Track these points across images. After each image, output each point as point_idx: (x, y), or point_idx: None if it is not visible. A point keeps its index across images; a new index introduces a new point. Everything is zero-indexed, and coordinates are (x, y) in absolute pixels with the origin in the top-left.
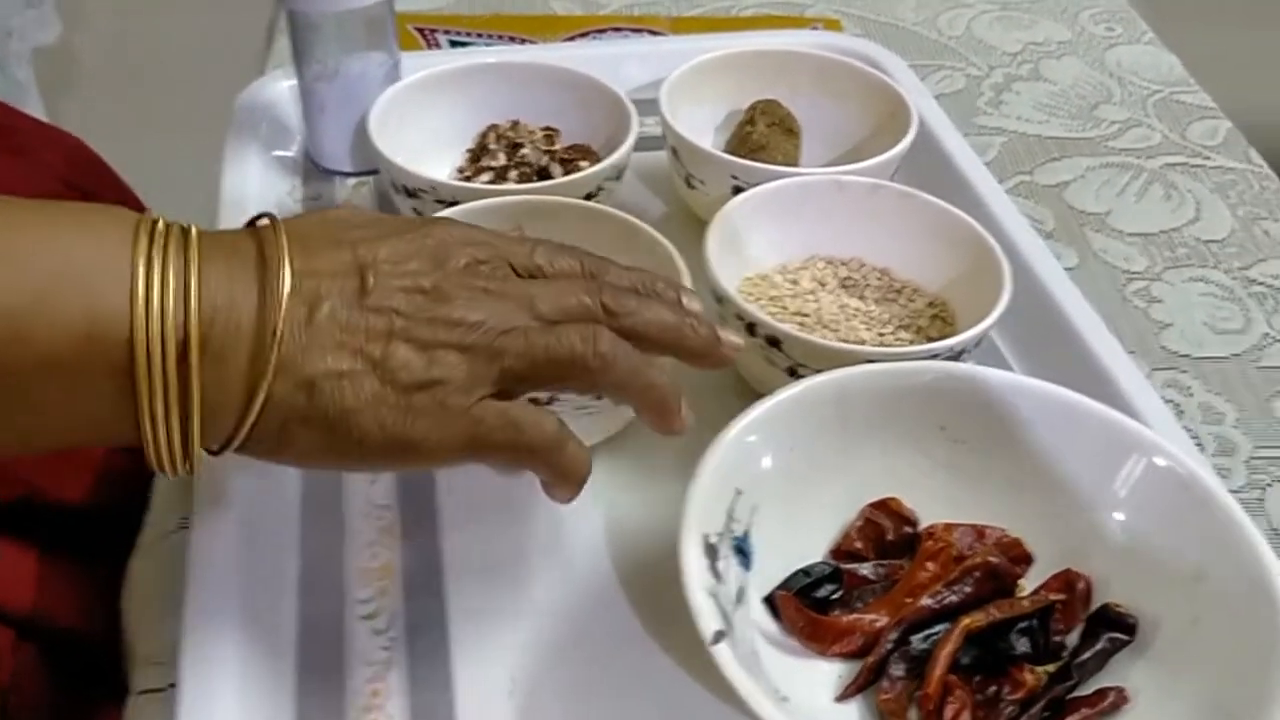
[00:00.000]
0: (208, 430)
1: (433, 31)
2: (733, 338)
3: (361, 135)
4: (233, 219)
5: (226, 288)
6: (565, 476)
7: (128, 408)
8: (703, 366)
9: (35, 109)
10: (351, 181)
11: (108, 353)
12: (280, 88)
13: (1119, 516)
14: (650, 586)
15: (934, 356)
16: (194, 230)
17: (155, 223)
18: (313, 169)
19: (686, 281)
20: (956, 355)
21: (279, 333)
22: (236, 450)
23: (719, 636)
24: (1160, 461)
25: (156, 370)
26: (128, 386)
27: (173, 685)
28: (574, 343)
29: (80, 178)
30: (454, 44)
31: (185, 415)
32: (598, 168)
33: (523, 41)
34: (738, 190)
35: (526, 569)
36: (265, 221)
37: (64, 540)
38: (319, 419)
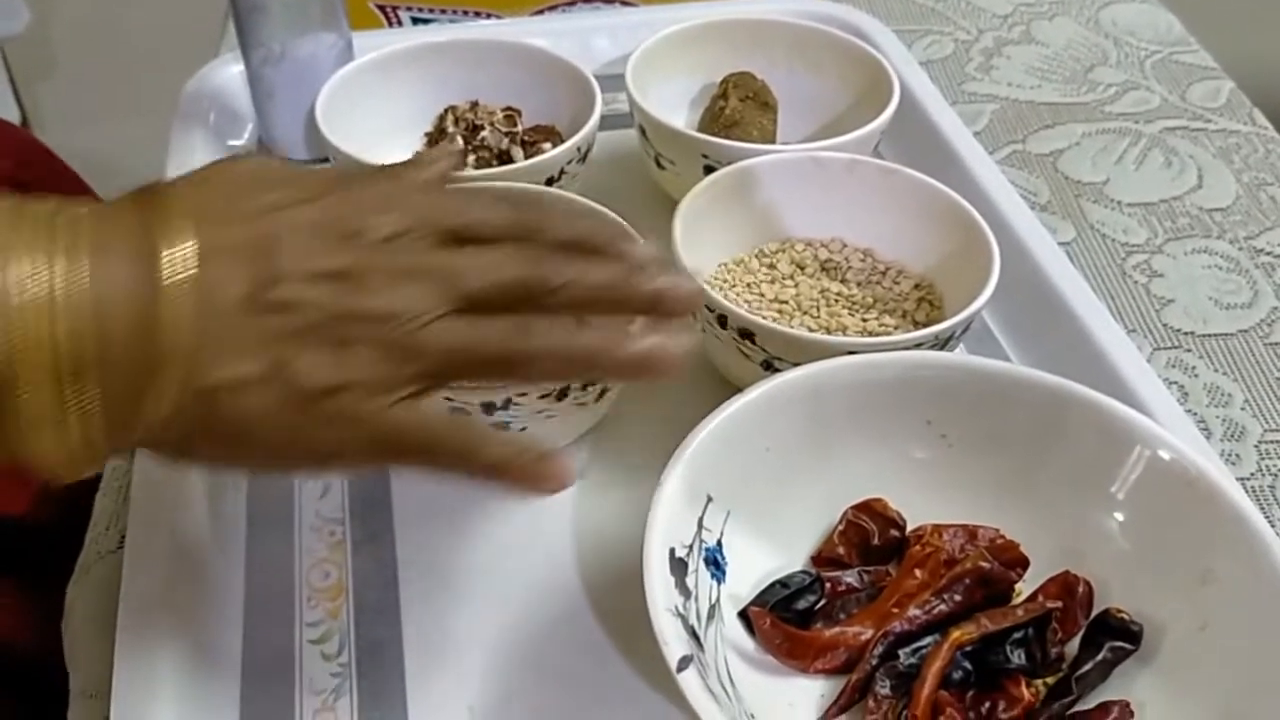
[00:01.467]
0: (98, 447)
1: (394, 9)
2: (684, 283)
3: (314, 121)
4: None
5: (109, 287)
6: (504, 479)
7: (11, 428)
8: (664, 320)
9: (5, 99)
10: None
11: None
12: (230, 72)
13: (1119, 515)
14: (619, 598)
15: (919, 345)
16: (81, 215)
17: (33, 212)
18: (266, 156)
19: None
20: (943, 342)
21: (167, 338)
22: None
23: (685, 662)
24: (1164, 455)
25: (33, 386)
26: (7, 406)
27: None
28: (502, 339)
29: (29, 175)
30: (416, 21)
31: (66, 434)
32: (559, 150)
33: (489, 16)
34: (710, 170)
35: (486, 582)
36: (160, 190)
37: (10, 558)
38: (220, 431)
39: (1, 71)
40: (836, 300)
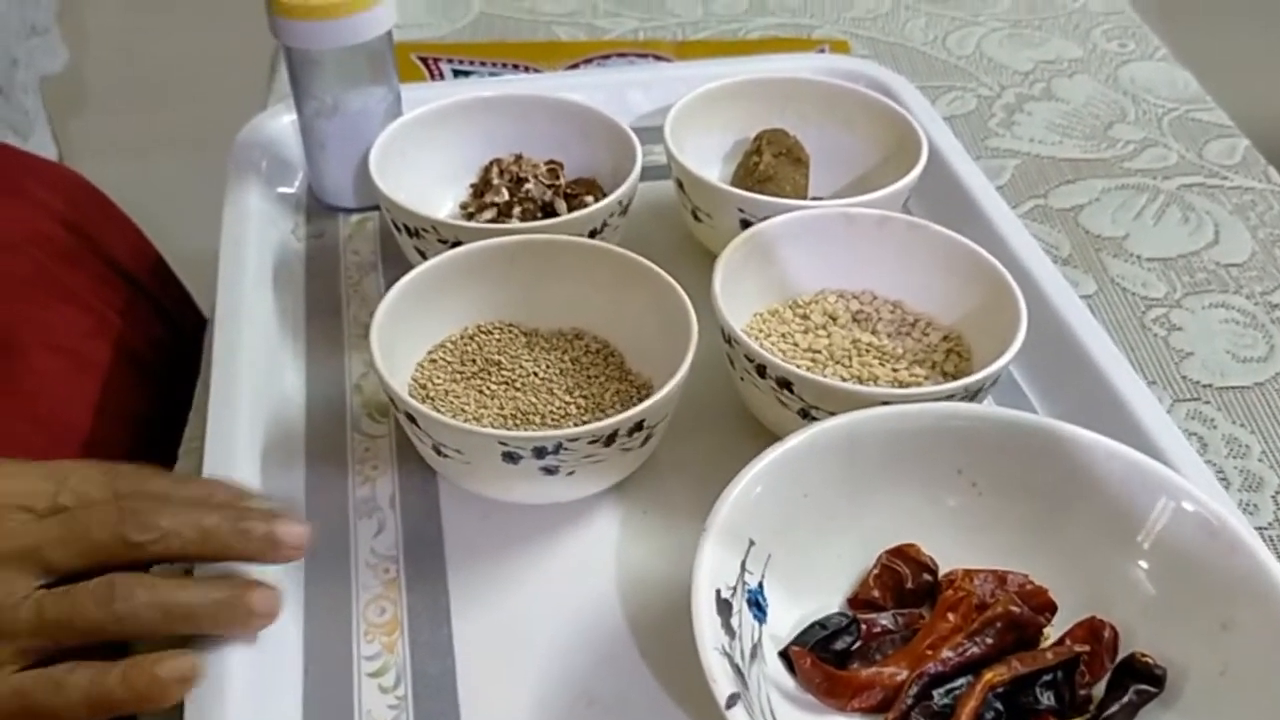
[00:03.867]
0: None
1: (435, 60)
2: (292, 528)
3: (364, 171)
4: (233, 260)
5: None
6: (138, 703)
7: None
8: (266, 562)
9: (43, 137)
10: (355, 217)
11: None
12: (281, 123)
13: (1144, 563)
14: (663, 639)
15: (950, 396)
16: None
17: None
18: (316, 205)
19: (692, 323)
20: (973, 394)
21: None
22: None
23: (734, 700)
24: (1187, 506)
25: None
26: None
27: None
28: (87, 608)
29: (79, 216)
30: (457, 73)
31: None
32: (602, 204)
33: (526, 69)
34: (745, 223)
35: (537, 622)
36: None
37: None
38: None
39: (40, 109)
40: (868, 351)
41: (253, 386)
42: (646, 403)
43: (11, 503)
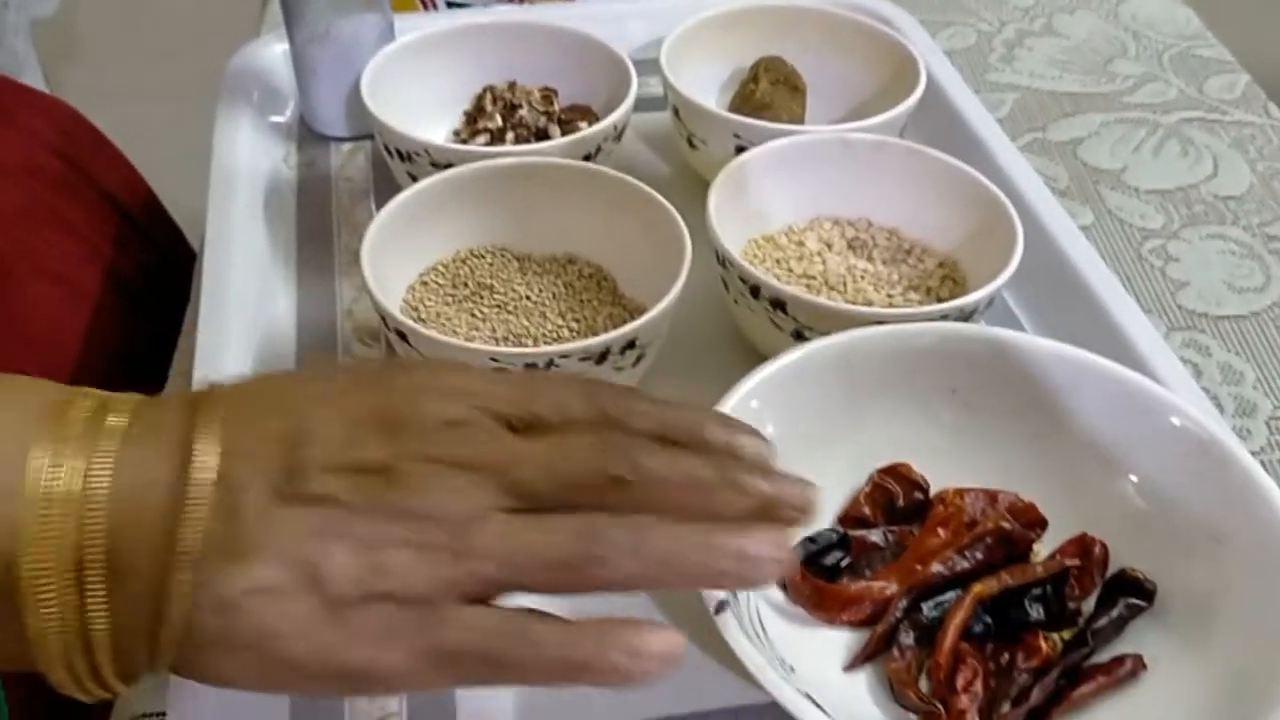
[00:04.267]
0: (116, 659)
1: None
2: (795, 496)
3: (355, 99)
4: (224, 186)
5: (138, 490)
6: (588, 680)
7: (18, 634)
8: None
9: (34, 80)
10: (347, 146)
11: None
12: (273, 51)
13: (1135, 479)
14: None
15: (944, 317)
16: (115, 414)
17: (71, 405)
18: (307, 134)
19: (686, 244)
20: (967, 316)
21: (189, 545)
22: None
23: (722, 606)
24: (1178, 422)
25: (49, 596)
26: (11, 612)
27: None
28: (562, 545)
29: (72, 147)
30: (451, 4)
31: (87, 645)
32: (596, 128)
33: (523, 1)
34: (741, 150)
35: None
36: (202, 392)
37: None
38: (242, 645)
39: (31, 51)
40: (863, 277)
41: (242, 311)
42: (639, 320)
43: (482, 405)
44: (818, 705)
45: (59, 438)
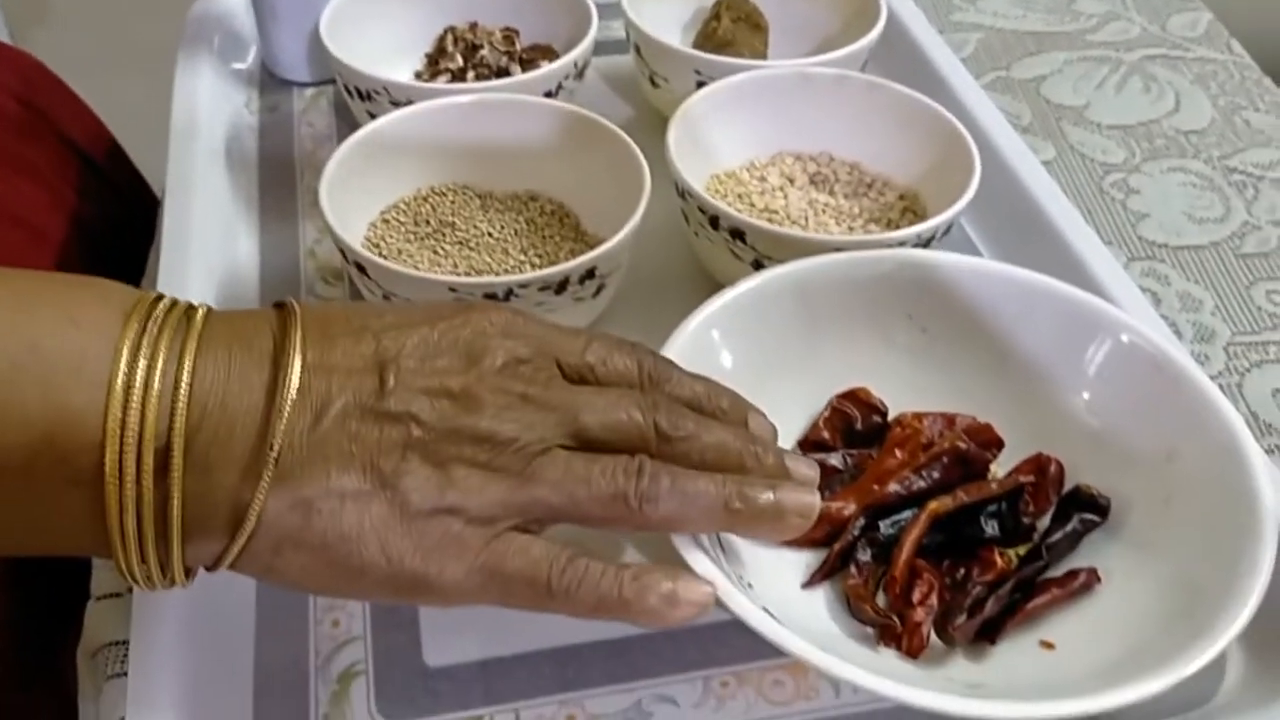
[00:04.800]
0: (190, 549)
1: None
2: (804, 469)
3: (317, 43)
4: (185, 132)
5: (223, 385)
6: (626, 617)
7: (95, 520)
8: (760, 524)
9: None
10: (309, 91)
11: (71, 459)
12: None
13: (1088, 397)
14: None
15: (901, 244)
16: (201, 313)
17: (155, 304)
18: (269, 79)
19: (645, 176)
20: (924, 243)
21: (277, 444)
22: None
23: None
24: (1131, 340)
25: (129, 483)
26: (95, 498)
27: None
28: (617, 479)
29: (34, 94)
30: None
31: (164, 533)
32: (557, 64)
33: None
34: (702, 87)
35: None
36: (286, 304)
37: None
38: (316, 544)
39: None
40: (824, 211)
41: (203, 253)
42: (598, 250)
43: (544, 350)
44: (775, 620)
45: (146, 333)
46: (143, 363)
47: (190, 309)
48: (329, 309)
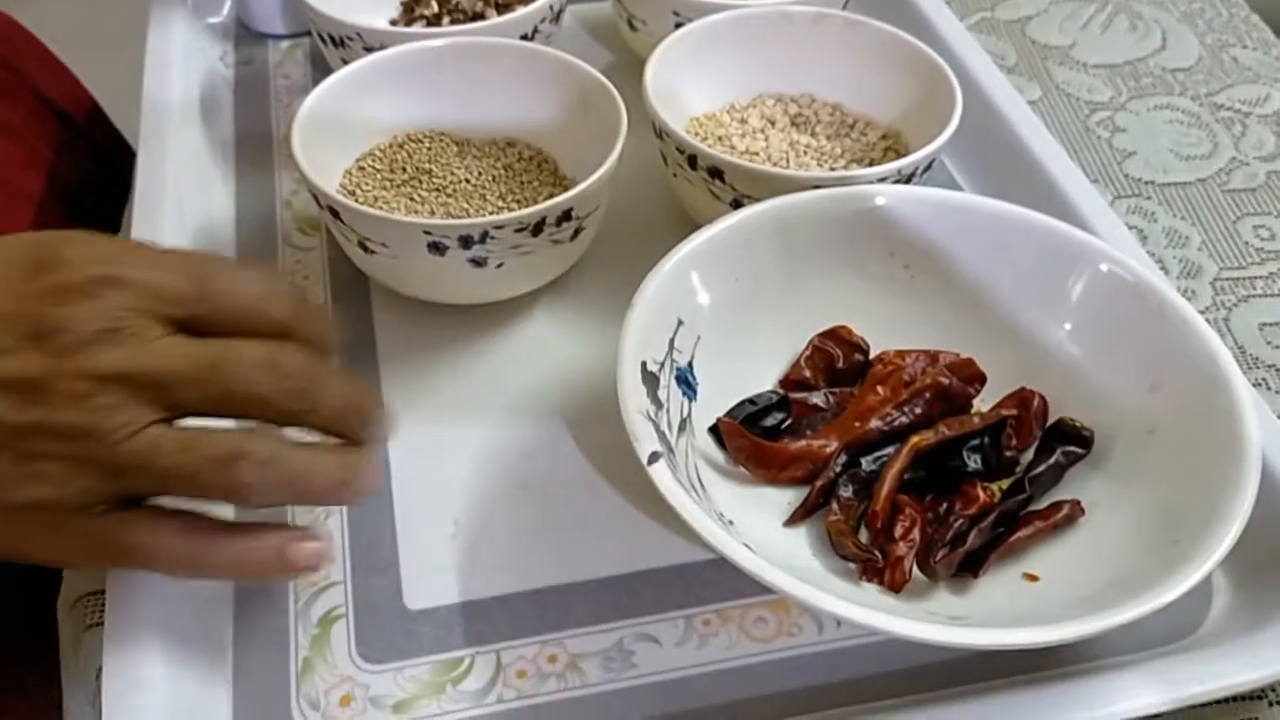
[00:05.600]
0: None
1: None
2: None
3: None
4: (159, 86)
5: None
6: (245, 577)
7: None
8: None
9: None
10: (285, 44)
11: None
12: None
13: (1069, 329)
14: (596, 427)
15: (882, 180)
16: None
17: None
18: (245, 34)
19: (622, 115)
20: (906, 179)
21: None
22: None
23: (655, 457)
24: (1113, 270)
25: None
26: None
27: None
28: (206, 469)
29: (11, 53)
30: None
31: None
32: (533, 6)
33: None
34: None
35: (469, 417)
36: None
37: None
38: None
39: None
40: (806, 152)
41: (178, 206)
42: (574, 190)
43: (145, 303)
44: (757, 556)
45: None
46: None
47: None
48: None
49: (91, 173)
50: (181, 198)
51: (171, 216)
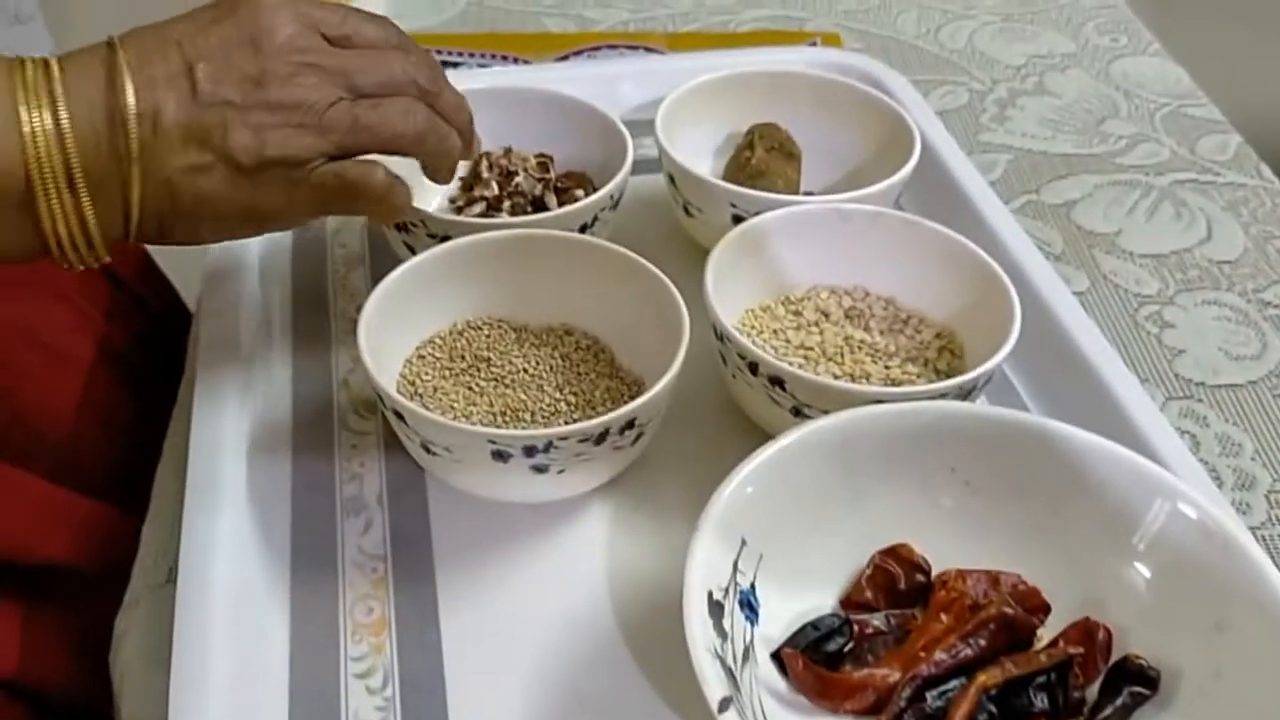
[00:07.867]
0: (104, 238)
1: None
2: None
3: None
4: (220, 252)
5: (90, 121)
6: (392, 213)
7: (34, 232)
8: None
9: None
10: None
11: (11, 191)
12: None
13: (1138, 564)
14: (655, 639)
15: (943, 395)
16: (54, 66)
17: (23, 66)
18: None
19: (684, 319)
20: (966, 393)
21: (131, 152)
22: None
23: (725, 704)
24: (1182, 508)
25: (54, 201)
26: (32, 214)
27: None
28: (394, 120)
29: None
30: (446, 65)
31: (84, 230)
32: (593, 199)
33: (516, 61)
34: (737, 219)
35: (525, 622)
36: (110, 43)
37: (49, 598)
38: (186, 209)
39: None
40: (860, 348)
41: (238, 381)
42: (638, 401)
43: (313, 26)
44: None
45: (25, 87)
46: (37, 114)
47: (46, 64)
48: (137, 37)
49: (144, 334)
50: (241, 375)
51: (232, 395)
